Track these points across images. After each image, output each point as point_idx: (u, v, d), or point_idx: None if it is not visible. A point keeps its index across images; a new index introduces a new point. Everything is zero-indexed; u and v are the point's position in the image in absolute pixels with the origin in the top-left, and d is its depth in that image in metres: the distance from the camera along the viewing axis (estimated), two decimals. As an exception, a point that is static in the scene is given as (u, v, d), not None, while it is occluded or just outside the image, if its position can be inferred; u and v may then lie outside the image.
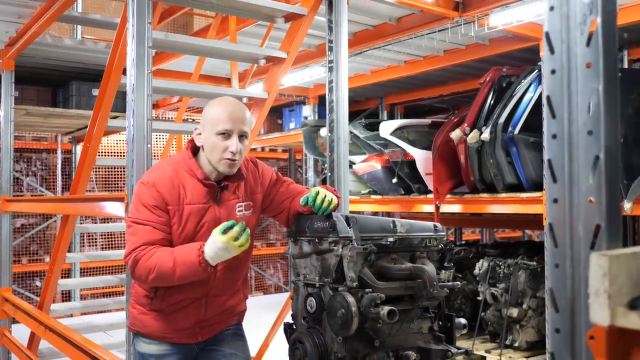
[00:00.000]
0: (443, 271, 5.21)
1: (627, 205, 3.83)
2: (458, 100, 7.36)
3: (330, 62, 3.41)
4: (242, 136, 2.18)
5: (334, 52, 3.40)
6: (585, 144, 1.03)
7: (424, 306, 2.32)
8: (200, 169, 2.21)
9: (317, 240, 2.21)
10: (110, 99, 3.39)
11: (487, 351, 4.91)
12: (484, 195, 4.71)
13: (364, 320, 2.07)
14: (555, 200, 1.08)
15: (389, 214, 7.21)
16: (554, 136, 1.08)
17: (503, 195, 4.57)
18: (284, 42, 3.64)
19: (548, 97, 1.09)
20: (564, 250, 1.07)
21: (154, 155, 2.86)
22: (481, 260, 5.15)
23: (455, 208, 5.06)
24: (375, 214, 7.16)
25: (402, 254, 2.33)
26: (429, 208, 5.16)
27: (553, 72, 1.08)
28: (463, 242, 7.52)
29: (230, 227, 2.06)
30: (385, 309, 2.04)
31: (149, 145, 2.79)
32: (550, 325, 1.08)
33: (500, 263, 4.99)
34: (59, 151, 8.92)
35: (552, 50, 1.08)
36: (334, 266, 2.16)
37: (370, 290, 2.09)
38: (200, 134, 2.22)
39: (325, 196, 2.23)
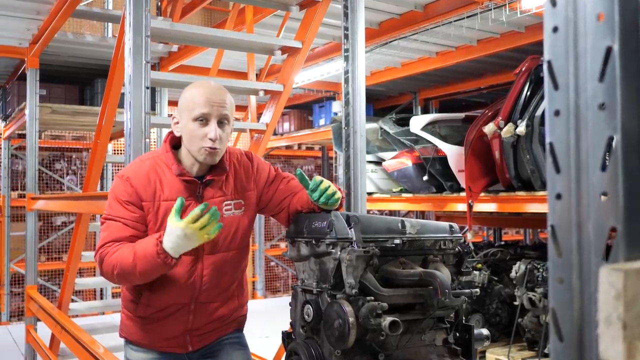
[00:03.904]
0: (477, 274, 4.96)
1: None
2: (497, 93, 7.02)
3: (346, 51, 3.18)
4: (222, 122, 1.97)
5: (349, 40, 3.16)
6: (596, 122, 0.79)
7: (437, 316, 2.08)
8: (177, 162, 2.01)
9: (314, 241, 1.99)
10: (117, 92, 3.27)
11: (524, 360, 4.61)
12: (521, 194, 4.42)
13: (364, 332, 1.84)
14: (559, 196, 0.84)
15: (422, 214, 6.93)
16: (557, 113, 0.84)
17: (541, 193, 4.27)
18: (299, 31, 3.45)
19: (549, 63, 0.84)
20: (569, 261, 0.82)
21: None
22: (518, 263, 4.84)
23: (490, 207, 4.78)
24: (407, 213, 6.90)
25: (413, 258, 2.09)
26: (462, 207, 4.90)
27: (555, 29, 0.84)
28: (502, 243, 7.17)
29: (183, 210, 1.84)
30: (388, 319, 1.81)
31: (147, 140, 2.63)
32: (553, 357, 0.84)
33: (539, 266, 4.68)
34: (98, 150, 8.93)
35: (553, 2, 0.84)
36: (332, 271, 1.94)
37: (373, 298, 1.86)
38: (177, 122, 2.02)
39: (329, 186, 2.00)
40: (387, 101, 8.04)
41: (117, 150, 8.32)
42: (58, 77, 6.20)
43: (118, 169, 8.03)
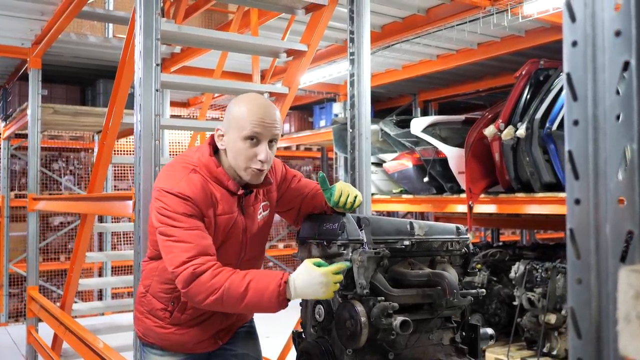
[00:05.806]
0: (479, 274, 5.01)
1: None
2: (495, 96, 7.08)
3: (352, 54, 3.23)
4: (272, 140, 1.95)
5: (355, 43, 3.21)
6: (614, 132, 0.84)
7: (444, 315, 2.13)
8: (231, 179, 1.98)
9: (325, 243, 2.04)
10: (124, 94, 3.30)
11: (523, 359, 4.66)
12: (520, 195, 4.47)
13: (375, 332, 1.89)
14: (578, 201, 0.89)
15: (421, 215, 6.98)
16: (576, 122, 0.88)
17: (540, 195, 4.33)
18: (305, 34, 3.49)
19: (568, 75, 0.89)
20: (587, 262, 0.87)
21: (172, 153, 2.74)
22: (517, 263, 4.90)
23: (490, 208, 4.84)
24: (407, 214, 6.95)
25: (421, 259, 2.15)
26: (462, 208, 4.95)
27: (574, 44, 0.89)
28: (500, 244, 7.23)
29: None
30: (398, 319, 1.86)
31: (157, 142, 2.67)
32: (572, 353, 0.89)
33: (538, 266, 4.73)
34: (95, 150, 8.95)
35: (573, 18, 0.88)
36: (344, 272, 1.99)
37: (383, 298, 1.91)
38: (223, 135, 1.96)
39: (349, 194, 2.06)
40: (387, 103, 8.09)
41: (117, 151, 8.34)
42: (59, 78, 6.22)
43: (119, 170, 8.06)
